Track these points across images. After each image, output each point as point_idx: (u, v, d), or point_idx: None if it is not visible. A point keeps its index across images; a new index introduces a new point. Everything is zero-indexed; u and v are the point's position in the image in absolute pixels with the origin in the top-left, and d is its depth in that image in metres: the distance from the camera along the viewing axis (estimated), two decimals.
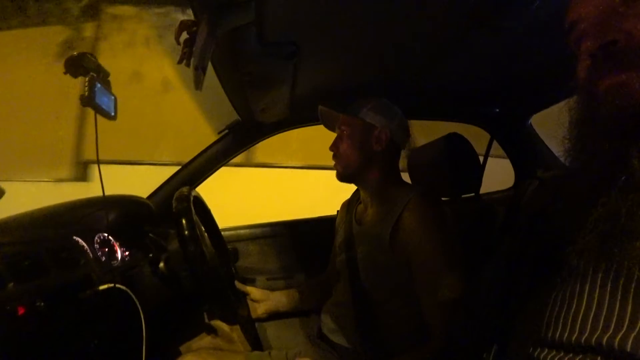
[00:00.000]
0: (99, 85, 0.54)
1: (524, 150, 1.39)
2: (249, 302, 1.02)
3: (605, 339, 0.32)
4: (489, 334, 0.44)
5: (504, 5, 0.65)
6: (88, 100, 0.52)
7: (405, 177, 0.99)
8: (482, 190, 1.12)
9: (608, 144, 0.32)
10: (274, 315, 1.04)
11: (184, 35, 0.66)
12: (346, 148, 0.87)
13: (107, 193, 0.69)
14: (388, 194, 0.87)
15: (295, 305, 1.06)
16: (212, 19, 0.55)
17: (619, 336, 0.31)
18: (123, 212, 1.01)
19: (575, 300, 0.35)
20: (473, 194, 1.14)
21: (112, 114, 0.59)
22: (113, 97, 0.60)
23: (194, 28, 0.59)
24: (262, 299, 1.03)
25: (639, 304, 0.31)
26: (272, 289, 1.09)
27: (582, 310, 0.34)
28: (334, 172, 0.92)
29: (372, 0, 0.64)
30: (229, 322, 0.87)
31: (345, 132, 0.88)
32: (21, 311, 0.46)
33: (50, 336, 0.52)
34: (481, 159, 1.25)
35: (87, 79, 0.53)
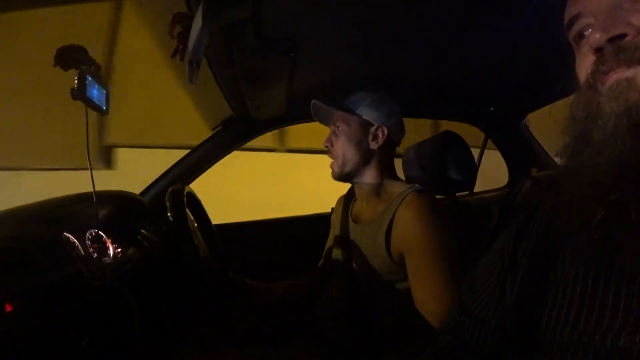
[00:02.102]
0: (89, 78, 0.53)
1: (518, 149, 1.41)
2: (244, 294, 1.01)
3: (599, 335, 0.32)
4: (485, 331, 0.44)
5: (499, 4, 0.65)
6: (78, 94, 0.51)
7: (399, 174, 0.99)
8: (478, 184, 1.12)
9: (614, 140, 0.31)
10: (269, 308, 1.04)
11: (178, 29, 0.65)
12: (342, 145, 0.86)
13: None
14: (384, 191, 0.87)
15: (290, 296, 1.05)
16: (206, 12, 0.54)
17: (613, 331, 0.31)
18: (115, 208, 1.00)
19: (568, 297, 0.35)
20: (467, 192, 1.15)
21: (104, 107, 0.58)
22: (105, 91, 0.58)
23: (188, 21, 0.58)
24: (257, 290, 1.02)
25: (631, 301, 0.31)
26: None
27: (574, 306, 0.35)
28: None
29: (369, 1, 0.64)
30: (223, 315, 0.87)
31: (341, 129, 0.86)
32: (8, 308, 0.45)
33: (40, 333, 0.51)
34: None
35: (77, 72, 0.52)
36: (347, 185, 0.97)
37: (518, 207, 0.49)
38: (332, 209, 1.09)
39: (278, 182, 2.85)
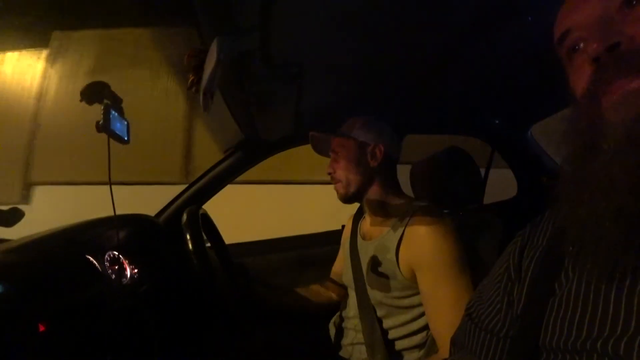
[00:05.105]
0: (113, 112, 0.58)
1: (526, 160, 1.40)
2: (255, 299, 1.02)
3: (600, 341, 0.32)
4: (495, 342, 0.44)
5: (501, 17, 0.67)
6: (104, 127, 0.55)
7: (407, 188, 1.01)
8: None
9: (628, 149, 0.31)
10: (278, 319, 1.05)
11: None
12: (344, 168, 0.89)
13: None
14: (390, 207, 0.88)
15: (298, 304, 1.07)
16: (219, 46, 0.58)
17: (614, 338, 0.31)
18: (133, 231, 1.03)
19: (572, 305, 0.36)
20: (476, 205, 1.15)
21: (126, 138, 0.62)
22: (126, 123, 0.63)
23: (202, 55, 0.63)
24: (269, 296, 1.05)
25: (631, 307, 0.32)
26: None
27: (578, 314, 0.35)
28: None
29: (373, 21, 0.67)
30: (237, 335, 0.88)
31: (341, 154, 0.90)
32: (42, 328, 0.48)
33: (68, 351, 0.54)
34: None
35: (102, 106, 0.56)
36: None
37: (528, 218, 0.50)
38: (343, 226, 1.11)
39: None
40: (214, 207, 1.27)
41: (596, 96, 0.35)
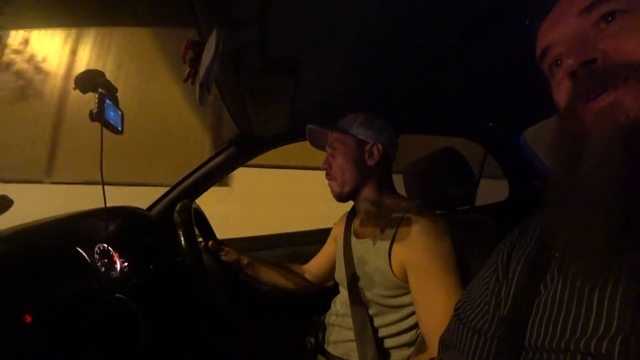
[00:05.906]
0: (107, 101, 0.57)
1: (518, 163, 1.42)
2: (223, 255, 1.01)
3: (583, 341, 0.33)
4: (482, 342, 0.45)
5: (495, 21, 0.68)
6: (97, 116, 0.54)
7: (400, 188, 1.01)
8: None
9: (609, 161, 0.32)
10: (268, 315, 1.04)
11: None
12: (341, 165, 0.88)
13: None
14: (384, 206, 0.89)
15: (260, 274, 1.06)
16: (217, 38, 0.58)
17: (596, 337, 0.32)
18: (123, 223, 1.02)
19: (556, 306, 0.37)
20: (468, 207, 1.16)
21: (120, 128, 0.61)
22: (120, 113, 0.62)
23: (200, 47, 0.62)
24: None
25: (613, 307, 0.32)
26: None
27: (562, 315, 0.36)
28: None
29: (370, 21, 0.67)
30: (226, 331, 0.87)
31: (339, 149, 0.89)
32: (28, 319, 0.47)
33: (55, 343, 0.53)
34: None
35: (96, 95, 0.55)
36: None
37: (518, 221, 0.50)
38: (335, 224, 1.11)
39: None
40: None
41: (577, 109, 0.36)
